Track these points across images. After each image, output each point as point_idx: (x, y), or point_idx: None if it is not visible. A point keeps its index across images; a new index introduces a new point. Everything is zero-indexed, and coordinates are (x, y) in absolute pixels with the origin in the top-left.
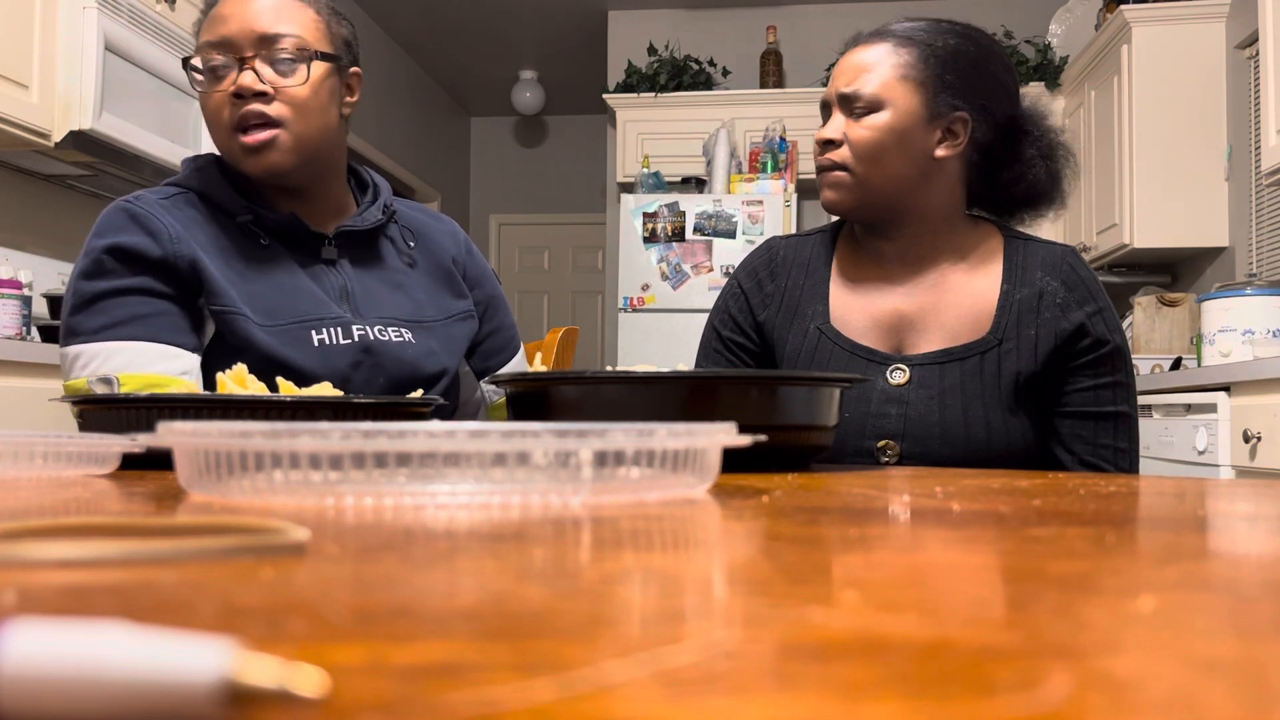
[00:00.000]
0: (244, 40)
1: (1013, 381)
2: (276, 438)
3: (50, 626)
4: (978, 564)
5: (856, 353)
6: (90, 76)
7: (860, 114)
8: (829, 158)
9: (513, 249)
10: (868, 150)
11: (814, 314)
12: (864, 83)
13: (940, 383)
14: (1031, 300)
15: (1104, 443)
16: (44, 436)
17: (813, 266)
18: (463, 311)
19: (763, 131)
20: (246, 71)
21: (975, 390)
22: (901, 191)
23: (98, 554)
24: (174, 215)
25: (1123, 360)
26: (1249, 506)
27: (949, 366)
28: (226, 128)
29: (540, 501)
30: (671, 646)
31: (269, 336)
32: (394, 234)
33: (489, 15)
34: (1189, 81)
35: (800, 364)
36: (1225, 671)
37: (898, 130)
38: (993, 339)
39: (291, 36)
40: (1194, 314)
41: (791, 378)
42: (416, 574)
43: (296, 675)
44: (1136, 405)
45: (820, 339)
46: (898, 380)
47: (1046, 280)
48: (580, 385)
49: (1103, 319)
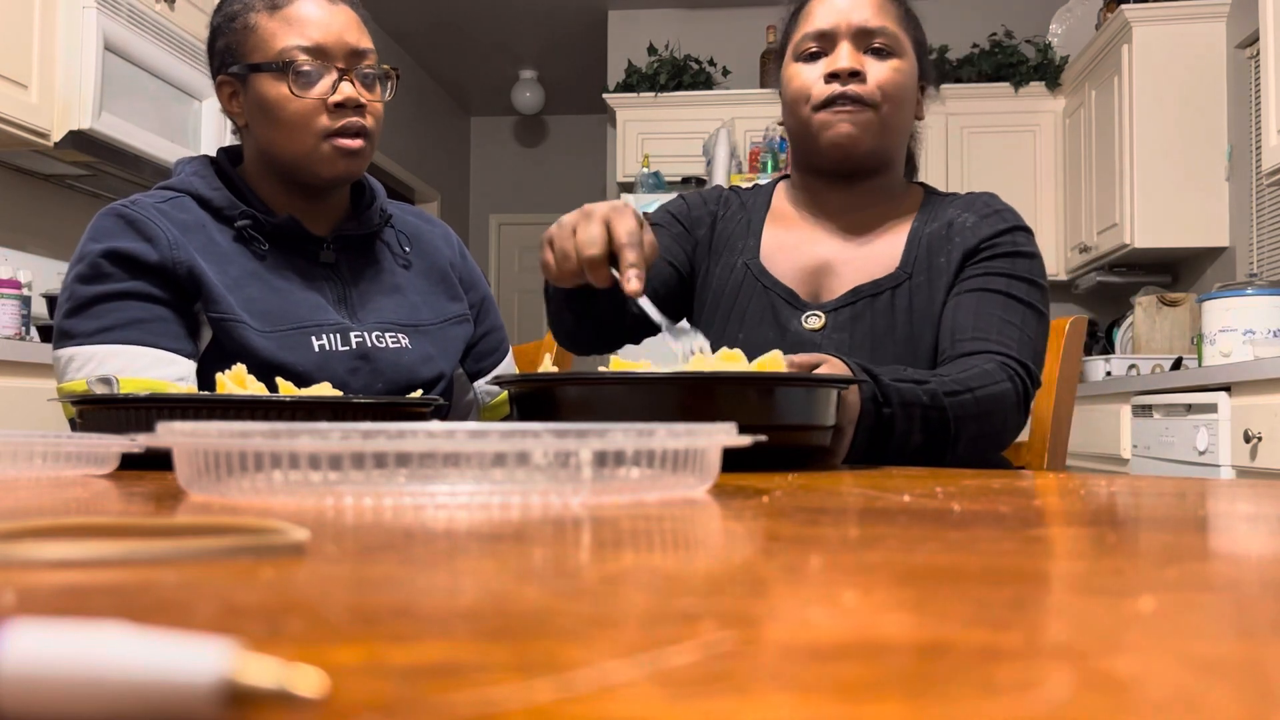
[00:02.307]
0: (338, 51)
1: (925, 315)
2: (276, 438)
3: (50, 626)
4: (978, 564)
5: (778, 292)
6: (90, 76)
7: (883, 52)
8: (857, 90)
9: (513, 249)
10: (895, 92)
11: (744, 249)
12: (884, 22)
13: (852, 326)
14: (941, 231)
15: (989, 311)
16: (43, 436)
17: (753, 207)
18: (458, 315)
19: (763, 131)
20: (347, 83)
21: (886, 328)
22: (899, 144)
23: (97, 554)
24: (171, 220)
25: (1037, 267)
26: (1249, 507)
27: (860, 307)
28: (316, 132)
29: (540, 501)
30: (671, 647)
31: (267, 342)
32: (389, 238)
33: (489, 15)
34: (1189, 81)
35: (724, 296)
36: (1226, 672)
37: (911, 80)
38: (902, 274)
39: (373, 53)
40: (1195, 314)
41: (789, 379)
42: (416, 574)
43: (296, 675)
44: (1046, 312)
45: (746, 275)
46: (812, 325)
47: (958, 213)
48: (583, 386)
49: (1017, 235)
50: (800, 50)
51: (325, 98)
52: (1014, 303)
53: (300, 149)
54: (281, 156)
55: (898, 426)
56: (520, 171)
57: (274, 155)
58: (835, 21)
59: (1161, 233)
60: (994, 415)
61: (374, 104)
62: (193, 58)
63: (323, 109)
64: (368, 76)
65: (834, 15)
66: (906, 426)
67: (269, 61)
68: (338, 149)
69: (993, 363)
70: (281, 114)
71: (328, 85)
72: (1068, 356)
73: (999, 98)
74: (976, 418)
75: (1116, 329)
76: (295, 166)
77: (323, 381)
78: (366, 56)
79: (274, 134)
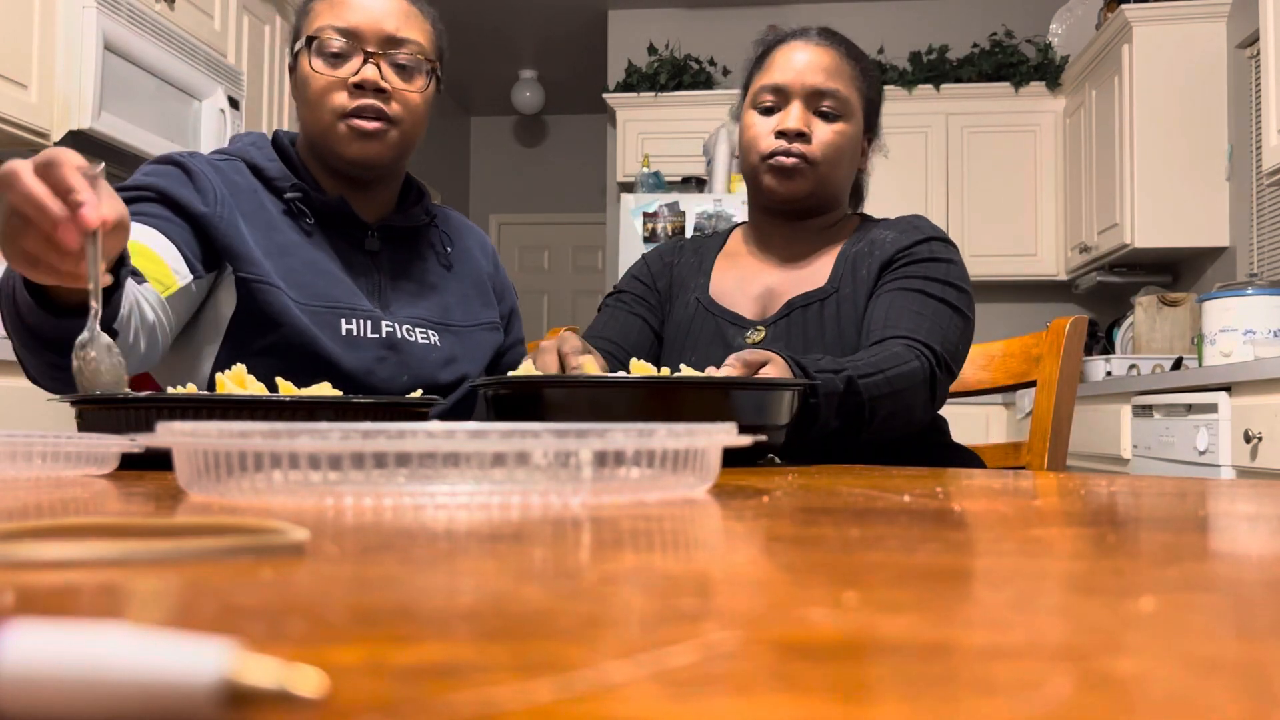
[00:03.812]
0: (371, 35)
1: (851, 322)
2: (276, 438)
3: (50, 626)
4: (978, 564)
5: (724, 317)
6: (89, 76)
7: (830, 116)
8: (800, 149)
9: (513, 249)
10: (833, 154)
11: (696, 287)
12: (836, 85)
13: (787, 335)
14: (865, 249)
15: (901, 306)
16: (43, 436)
17: (704, 251)
18: (490, 322)
19: None
20: (370, 66)
21: (816, 335)
22: (837, 194)
23: (98, 554)
24: (224, 178)
25: (955, 271)
26: (1250, 507)
27: (794, 318)
28: (334, 111)
29: (540, 502)
30: (671, 647)
31: (302, 314)
32: (434, 238)
33: (489, 15)
34: (1190, 81)
35: (680, 330)
36: (1226, 672)
37: (853, 142)
38: (829, 288)
39: (415, 44)
40: (1195, 314)
41: (745, 383)
42: (416, 574)
43: (296, 676)
44: (967, 310)
45: (697, 308)
46: (753, 338)
47: (881, 232)
48: (560, 388)
49: (933, 244)
50: (757, 101)
51: (347, 78)
52: (926, 298)
53: (320, 126)
54: (310, 134)
55: (820, 416)
56: (520, 171)
57: (306, 133)
58: (790, 79)
59: (1162, 233)
60: (904, 393)
61: (404, 92)
62: (192, 58)
63: (343, 88)
64: (403, 66)
65: (790, 73)
66: (827, 415)
67: (307, 38)
68: (353, 129)
69: (899, 345)
70: (308, 90)
71: (353, 66)
72: (1068, 356)
73: (999, 98)
74: (889, 396)
75: (1117, 329)
76: (321, 145)
77: (350, 367)
78: (404, 45)
79: (303, 110)
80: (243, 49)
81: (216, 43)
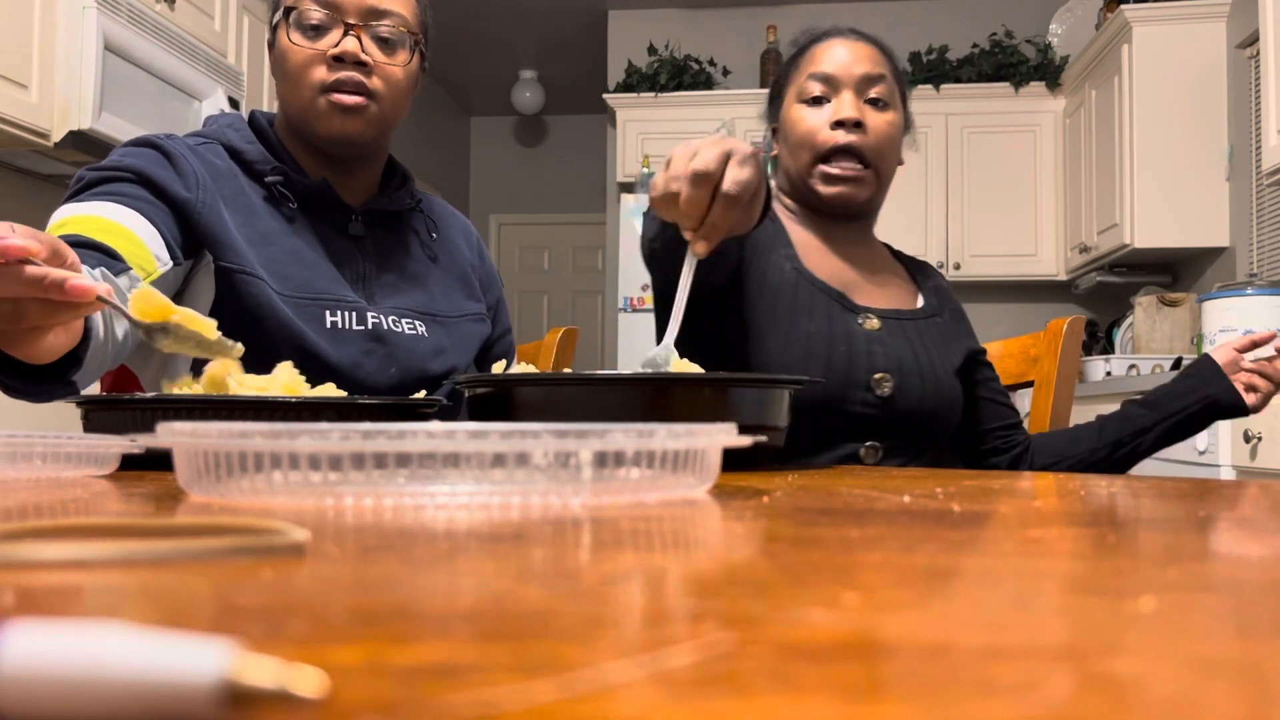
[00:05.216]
0: (351, 7)
1: (960, 351)
2: (276, 438)
3: (50, 627)
4: (978, 565)
5: (830, 295)
6: (90, 76)
7: (880, 104)
8: (859, 143)
9: (513, 249)
10: (889, 147)
11: (786, 254)
12: (883, 71)
13: (900, 333)
14: (934, 285)
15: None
16: (44, 437)
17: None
18: (476, 313)
19: (763, 131)
20: (350, 38)
21: (921, 348)
22: (885, 192)
23: (98, 554)
24: (204, 163)
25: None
26: (1250, 507)
27: (904, 322)
28: (313, 85)
29: (540, 502)
30: (671, 647)
31: (285, 306)
32: (419, 225)
33: (489, 15)
34: (1189, 81)
35: (781, 296)
36: (1226, 672)
37: (900, 133)
38: (930, 310)
39: (397, 15)
40: (1195, 314)
41: (745, 379)
42: (416, 575)
43: (296, 676)
44: None
45: (798, 278)
46: (872, 325)
47: (928, 279)
48: (541, 387)
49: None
50: (804, 93)
51: (327, 50)
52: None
53: (299, 102)
54: (289, 111)
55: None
56: (520, 171)
57: (285, 110)
58: (839, 69)
59: (1161, 233)
60: None
61: (386, 66)
62: (193, 58)
63: (322, 61)
64: (385, 39)
65: (838, 64)
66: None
67: (285, 10)
68: (333, 104)
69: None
70: (286, 65)
71: (333, 39)
72: (1066, 356)
73: (999, 98)
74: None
75: (1116, 329)
76: (300, 122)
77: (337, 360)
78: (386, 17)
79: (282, 86)
80: (243, 49)
81: (216, 43)
